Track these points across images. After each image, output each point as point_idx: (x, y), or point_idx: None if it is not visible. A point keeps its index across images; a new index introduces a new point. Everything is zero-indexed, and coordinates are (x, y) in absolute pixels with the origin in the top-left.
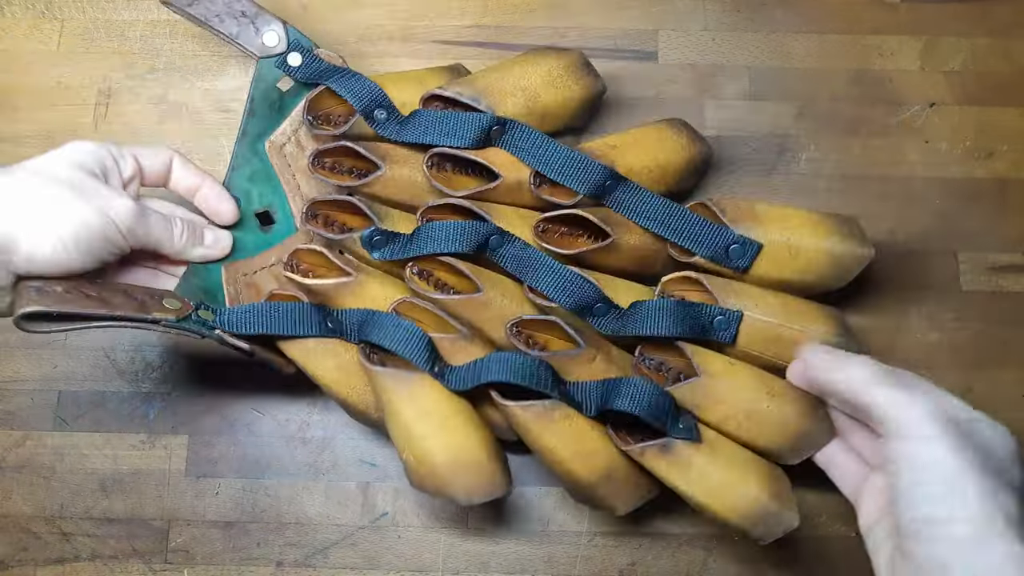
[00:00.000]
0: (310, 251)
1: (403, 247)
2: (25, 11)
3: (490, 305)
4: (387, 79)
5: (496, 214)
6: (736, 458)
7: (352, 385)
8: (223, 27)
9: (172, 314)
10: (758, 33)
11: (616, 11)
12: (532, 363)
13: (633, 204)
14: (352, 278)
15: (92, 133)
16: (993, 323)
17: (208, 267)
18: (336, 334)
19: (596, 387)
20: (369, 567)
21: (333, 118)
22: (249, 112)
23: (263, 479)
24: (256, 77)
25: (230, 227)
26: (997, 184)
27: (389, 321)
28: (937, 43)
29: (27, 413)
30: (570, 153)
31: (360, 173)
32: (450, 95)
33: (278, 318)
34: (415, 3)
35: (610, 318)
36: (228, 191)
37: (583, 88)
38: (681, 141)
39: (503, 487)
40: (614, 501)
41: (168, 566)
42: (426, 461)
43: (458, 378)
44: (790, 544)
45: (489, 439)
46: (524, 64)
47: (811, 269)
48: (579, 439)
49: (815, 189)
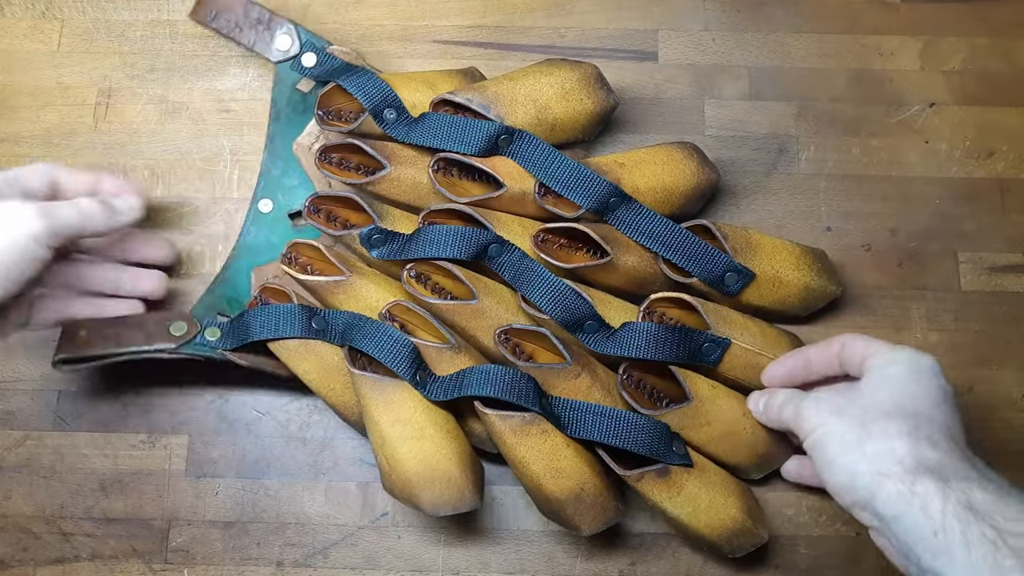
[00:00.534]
0: (309, 245)
1: (402, 248)
2: (25, 11)
3: (484, 313)
4: (399, 79)
5: (497, 223)
6: (719, 479)
7: (331, 386)
8: (242, 37)
9: (175, 341)
10: (758, 33)
11: (616, 11)
12: (514, 376)
13: (636, 223)
14: (345, 278)
15: (92, 133)
16: (993, 323)
17: (239, 273)
18: (320, 336)
19: (586, 416)
20: (369, 567)
21: (344, 114)
22: (274, 117)
23: (263, 479)
24: (276, 82)
25: (264, 227)
26: (997, 184)
27: (375, 328)
28: (937, 43)
29: (27, 413)
30: (576, 167)
31: (367, 171)
32: (460, 101)
33: (262, 322)
34: (415, 3)
35: (599, 336)
36: (258, 196)
37: (595, 103)
38: (691, 166)
39: (472, 501)
40: (579, 521)
41: (168, 566)
42: (397, 469)
43: (439, 389)
44: (790, 544)
45: (463, 452)
46: (537, 74)
47: (787, 300)
48: (553, 455)
49: (815, 189)
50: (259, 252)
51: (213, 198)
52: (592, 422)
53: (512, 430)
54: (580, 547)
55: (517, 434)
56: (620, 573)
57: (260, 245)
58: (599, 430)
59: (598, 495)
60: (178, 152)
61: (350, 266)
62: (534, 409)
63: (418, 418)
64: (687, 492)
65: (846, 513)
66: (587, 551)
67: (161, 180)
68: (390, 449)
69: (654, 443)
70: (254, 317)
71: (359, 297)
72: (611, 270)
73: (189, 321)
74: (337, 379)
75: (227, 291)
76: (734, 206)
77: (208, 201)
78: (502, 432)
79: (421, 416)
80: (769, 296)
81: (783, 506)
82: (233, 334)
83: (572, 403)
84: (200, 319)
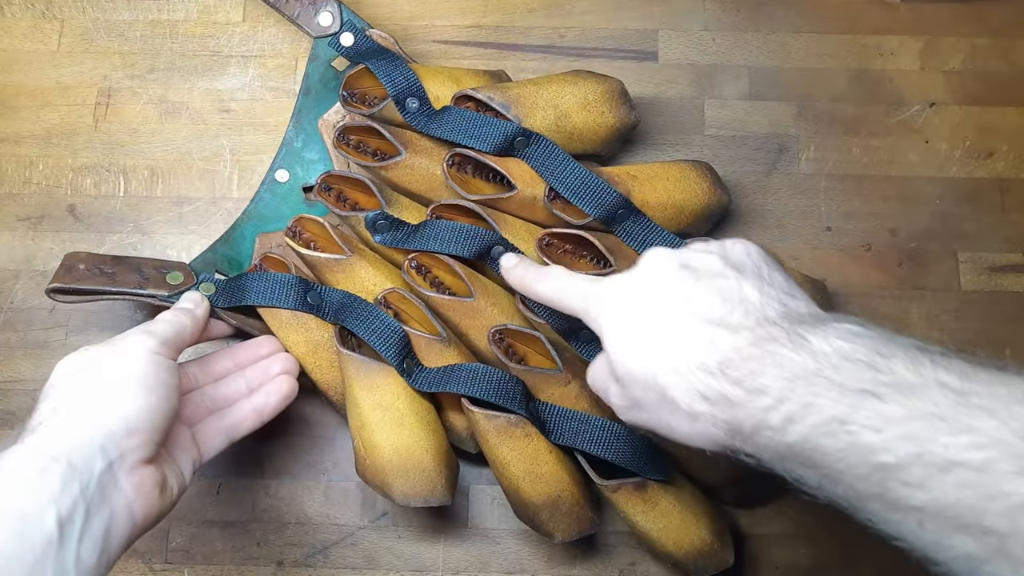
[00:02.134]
0: (314, 221)
1: (406, 237)
2: (25, 11)
3: (479, 312)
4: (427, 71)
5: (504, 224)
6: (694, 499)
7: (317, 363)
8: (287, 8)
9: (169, 289)
10: (758, 33)
11: (616, 11)
12: (502, 377)
13: (642, 236)
14: (345, 257)
15: (92, 133)
16: (993, 323)
17: (243, 236)
18: (314, 311)
19: (571, 423)
20: (369, 567)
21: (368, 98)
22: (304, 90)
23: (263, 479)
24: (311, 56)
25: (281, 196)
26: (997, 184)
27: (368, 311)
28: (937, 43)
29: (27, 413)
30: (587, 175)
31: (383, 156)
32: (482, 98)
33: (259, 288)
34: (415, 3)
35: (594, 346)
36: (277, 166)
37: (616, 118)
38: (703, 186)
39: (443, 496)
40: (553, 528)
41: (168, 566)
42: (373, 454)
43: (425, 380)
44: (790, 544)
45: (440, 446)
46: (562, 82)
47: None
48: (533, 460)
49: (815, 189)
50: (268, 220)
51: (213, 198)
52: (577, 429)
53: (496, 430)
54: (580, 547)
55: (501, 435)
56: (620, 573)
57: (270, 213)
58: (583, 438)
59: (575, 504)
60: (178, 152)
61: (352, 246)
62: (520, 412)
63: (400, 405)
64: (661, 508)
65: (839, 508)
66: (586, 551)
67: (161, 180)
68: (368, 433)
69: (636, 456)
70: (251, 281)
71: (357, 278)
72: None
73: (186, 272)
74: (324, 356)
75: (229, 251)
76: (734, 206)
77: (208, 201)
78: (486, 431)
79: (403, 404)
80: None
81: (783, 505)
82: (228, 293)
83: (559, 409)
84: (197, 272)
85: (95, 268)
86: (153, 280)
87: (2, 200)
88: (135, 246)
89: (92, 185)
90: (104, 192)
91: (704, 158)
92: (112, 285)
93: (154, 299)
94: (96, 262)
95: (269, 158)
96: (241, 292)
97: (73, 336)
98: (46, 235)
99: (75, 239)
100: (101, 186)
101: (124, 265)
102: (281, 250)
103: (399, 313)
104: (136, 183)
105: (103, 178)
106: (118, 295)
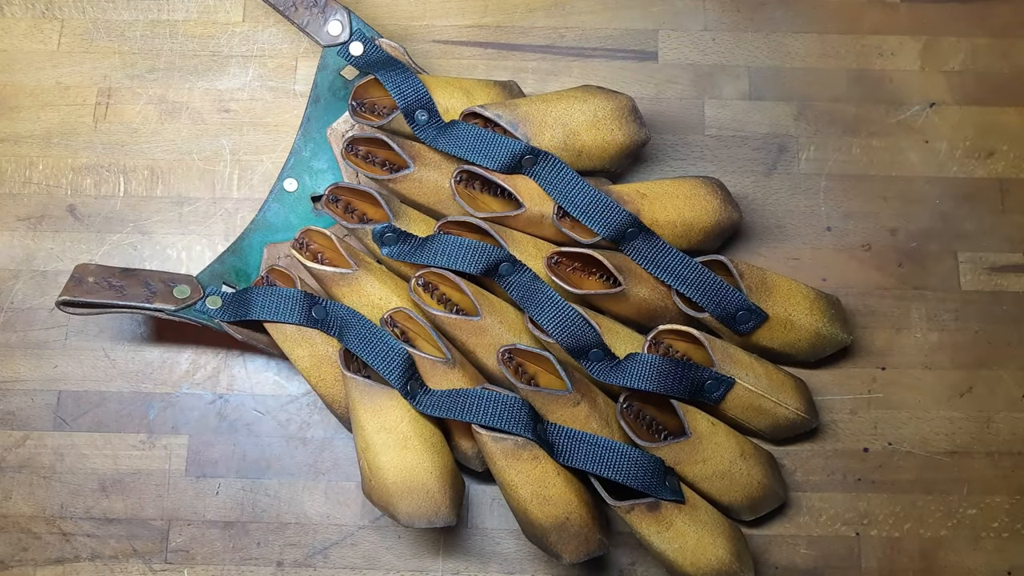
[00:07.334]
0: (321, 233)
1: (413, 250)
2: (25, 11)
3: (486, 331)
4: (436, 82)
5: (512, 242)
6: (710, 518)
7: (322, 376)
8: (296, 16)
9: (176, 304)
10: (758, 33)
11: (616, 11)
12: (508, 402)
13: (651, 255)
14: (351, 271)
15: (92, 133)
16: (993, 323)
17: (251, 247)
18: (319, 325)
19: (580, 445)
20: (369, 567)
21: (377, 109)
22: (314, 99)
23: (263, 479)
24: (320, 65)
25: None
26: (997, 184)
27: (371, 332)
28: (937, 43)
29: (27, 413)
30: (596, 195)
31: (392, 167)
32: (490, 116)
33: (264, 303)
34: (415, 3)
35: (603, 365)
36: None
37: (625, 135)
38: (713, 203)
39: (447, 517)
40: (561, 549)
41: (168, 566)
42: (377, 475)
43: (431, 404)
44: (790, 544)
45: (445, 466)
46: (571, 99)
47: (797, 345)
48: (541, 482)
49: (815, 189)
50: (276, 229)
51: (213, 198)
52: (586, 452)
53: (503, 453)
54: None
55: (508, 457)
56: (620, 573)
57: (278, 223)
58: (592, 460)
59: (583, 526)
60: (178, 152)
61: (358, 260)
62: (527, 436)
63: (403, 428)
64: (676, 528)
65: (846, 513)
66: None
67: (161, 180)
68: (372, 455)
69: (647, 477)
70: (256, 296)
71: (362, 292)
72: (622, 300)
73: (193, 286)
74: (329, 370)
75: (237, 262)
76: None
77: (208, 201)
78: (493, 453)
79: (407, 426)
80: (780, 338)
81: (783, 506)
82: (233, 307)
83: (567, 431)
84: (204, 285)
85: (104, 281)
86: (160, 294)
87: (2, 200)
88: (135, 246)
89: (92, 185)
90: (104, 192)
91: (704, 158)
92: (120, 299)
93: (160, 313)
94: (105, 275)
95: (269, 158)
96: (246, 307)
97: (73, 336)
98: (46, 235)
99: (75, 239)
100: (101, 186)
101: (132, 278)
102: (288, 261)
103: (406, 332)
104: (136, 183)
105: (103, 178)
106: (126, 309)
